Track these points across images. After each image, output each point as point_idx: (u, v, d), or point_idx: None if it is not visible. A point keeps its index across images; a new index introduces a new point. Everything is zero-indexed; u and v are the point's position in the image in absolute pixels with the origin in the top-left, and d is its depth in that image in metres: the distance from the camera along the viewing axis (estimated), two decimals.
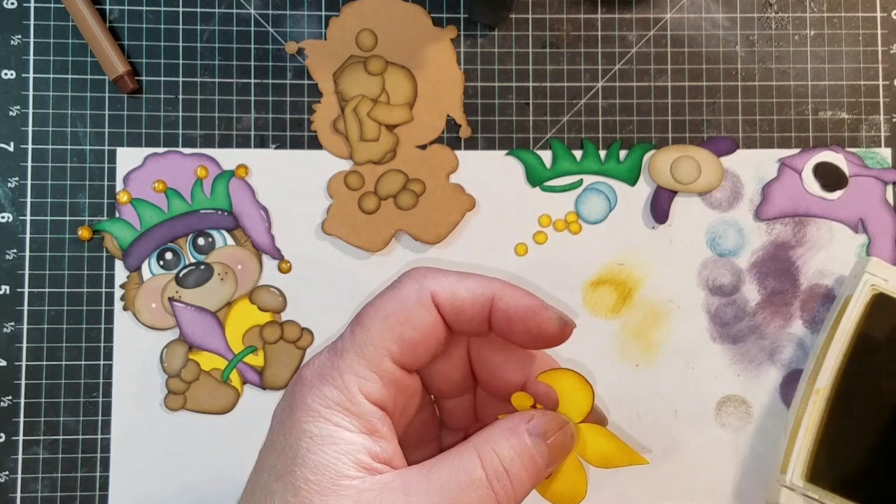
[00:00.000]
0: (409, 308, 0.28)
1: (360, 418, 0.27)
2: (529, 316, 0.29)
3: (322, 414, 0.26)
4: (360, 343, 0.28)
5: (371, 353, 0.27)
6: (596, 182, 0.46)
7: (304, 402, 0.27)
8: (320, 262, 0.45)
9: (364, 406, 0.27)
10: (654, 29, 0.46)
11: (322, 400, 0.27)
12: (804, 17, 0.47)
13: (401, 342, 0.28)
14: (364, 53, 0.45)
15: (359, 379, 0.27)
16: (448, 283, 0.29)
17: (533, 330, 0.29)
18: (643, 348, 0.45)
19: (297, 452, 0.26)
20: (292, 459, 0.26)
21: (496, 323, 0.29)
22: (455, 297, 0.28)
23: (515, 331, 0.29)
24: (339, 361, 0.27)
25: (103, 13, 0.45)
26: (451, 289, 0.28)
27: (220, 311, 0.45)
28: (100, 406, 0.44)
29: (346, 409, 0.27)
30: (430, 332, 0.28)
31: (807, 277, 0.46)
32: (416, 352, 0.28)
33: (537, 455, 0.28)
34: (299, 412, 0.27)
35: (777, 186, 0.46)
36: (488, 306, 0.29)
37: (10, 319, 0.44)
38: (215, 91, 0.45)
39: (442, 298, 0.28)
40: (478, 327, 0.29)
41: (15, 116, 0.44)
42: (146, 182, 0.45)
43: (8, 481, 0.43)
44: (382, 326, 0.28)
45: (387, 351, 0.27)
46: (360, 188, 0.45)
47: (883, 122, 0.46)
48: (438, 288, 0.28)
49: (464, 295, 0.28)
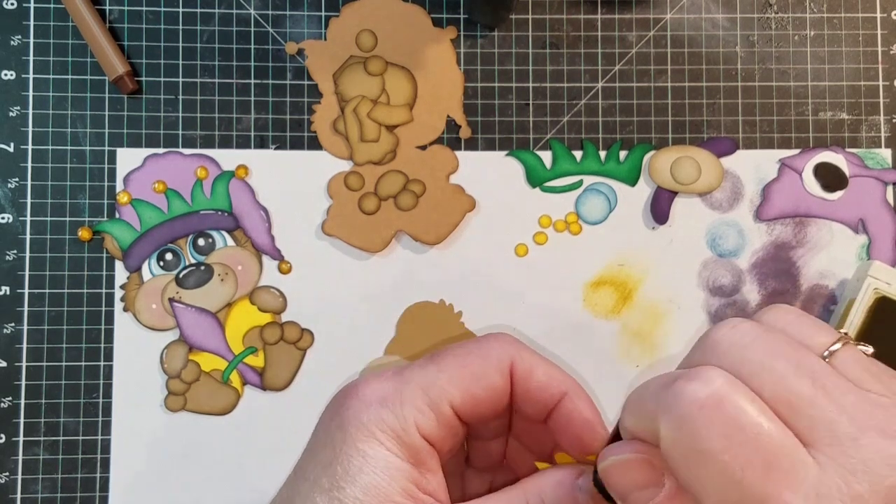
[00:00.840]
0: (486, 367, 0.28)
1: (410, 450, 0.27)
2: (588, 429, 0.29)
3: (377, 437, 0.27)
4: (430, 380, 0.28)
5: (436, 393, 0.28)
6: (596, 183, 0.46)
7: (359, 420, 0.27)
8: (320, 262, 0.45)
9: (416, 439, 0.27)
10: (654, 29, 0.46)
11: (379, 423, 0.27)
12: (804, 18, 0.47)
13: (466, 395, 0.28)
14: (364, 54, 0.45)
15: (417, 413, 0.27)
16: (529, 359, 0.29)
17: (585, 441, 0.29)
18: (643, 349, 0.45)
19: (348, 470, 0.26)
20: (342, 476, 0.26)
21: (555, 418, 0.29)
22: (531, 378, 0.29)
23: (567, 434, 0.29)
24: (403, 389, 0.28)
25: (103, 13, 0.45)
26: (531, 367, 0.29)
27: (221, 311, 0.45)
28: (100, 407, 0.44)
29: (400, 438, 0.27)
30: (497, 397, 0.29)
31: (807, 278, 0.46)
32: (476, 409, 0.29)
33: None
34: (353, 429, 0.27)
35: (777, 187, 0.46)
36: (556, 400, 0.29)
37: (11, 320, 0.44)
38: (215, 92, 0.45)
39: (519, 373, 0.29)
40: (537, 413, 0.29)
41: (15, 117, 0.44)
42: (146, 183, 0.45)
43: (8, 482, 0.43)
44: (455, 374, 0.28)
45: (450, 397, 0.28)
46: (360, 189, 0.45)
47: (883, 122, 0.46)
48: (520, 362, 0.29)
49: (541, 378, 0.29)
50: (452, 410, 0.28)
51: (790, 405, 0.21)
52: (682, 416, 0.21)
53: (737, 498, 0.20)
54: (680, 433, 0.21)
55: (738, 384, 0.21)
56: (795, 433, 0.21)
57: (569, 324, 0.45)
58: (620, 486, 0.24)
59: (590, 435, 0.29)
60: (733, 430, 0.20)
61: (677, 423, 0.21)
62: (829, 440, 0.20)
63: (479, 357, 0.29)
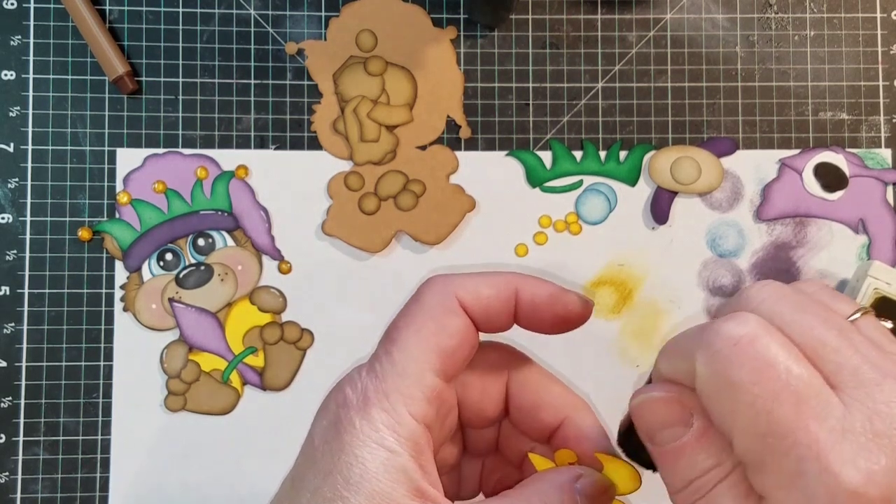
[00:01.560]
0: (439, 317, 0.28)
1: (409, 440, 0.27)
2: (554, 301, 0.29)
3: (373, 438, 0.26)
4: (401, 362, 0.27)
5: (413, 370, 0.27)
6: (596, 183, 0.46)
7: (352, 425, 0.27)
8: (320, 262, 0.45)
9: (412, 426, 0.27)
10: (653, 30, 0.46)
11: (371, 424, 0.26)
12: (804, 18, 0.47)
13: (439, 353, 0.28)
14: (364, 54, 0.45)
15: (405, 399, 0.27)
16: (470, 284, 0.29)
17: (560, 313, 0.29)
18: (644, 349, 0.45)
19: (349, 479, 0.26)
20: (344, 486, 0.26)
21: (523, 314, 0.29)
22: (480, 297, 0.28)
23: (544, 318, 0.29)
24: (382, 385, 0.27)
25: (103, 14, 0.45)
26: (475, 289, 0.29)
27: (221, 311, 0.45)
28: (100, 407, 0.44)
29: (396, 432, 0.26)
30: (465, 336, 0.28)
31: (807, 278, 0.46)
32: (454, 360, 0.28)
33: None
34: (348, 436, 0.26)
35: (777, 187, 0.46)
36: (513, 301, 0.29)
37: (11, 320, 0.44)
38: (215, 92, 0.45)
39: (468, 301, 0.28)
40: (505, 322, 0.29)
41: (15, 117, 0.44)
42: (146, 183, 0.45)
43: (8, 482, 0.43)
44: (418, 341, 0.28)
45: (428, 365, 0.27)
46: (360, 189, 0.45)
47: (883, 122, 0.46)
48: (462, 291, 0.28)
49: (488, 293, 0.29)
50: (436, 377, 0.28)
51: (818, 351, 0.22)
52: (718, 350, 0.22)
53: (765, 429, 0.21)
54: (715, 366, 0.22)
55: (771, 327, 0.23)
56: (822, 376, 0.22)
57: None
58: (649, 425, 0.25)
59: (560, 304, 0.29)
60: (765, 366, 0.22)
61: (713, 358, 0.22)
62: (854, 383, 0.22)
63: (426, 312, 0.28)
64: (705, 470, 0.24)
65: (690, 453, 0.24)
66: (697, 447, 0.24)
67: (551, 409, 0.30)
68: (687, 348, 0.24)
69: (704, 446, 0.24)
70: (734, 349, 0.22)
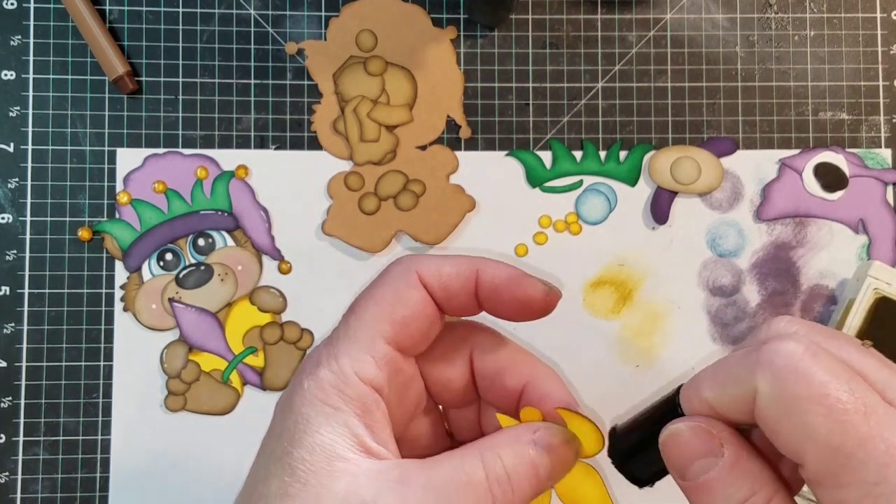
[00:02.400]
0: (397, 289, 0.29)
1: (355, 400, 0.27)
2: (514, 284, 0.29)
3: (318, 396, 0.27)
4: (353, 328, 0.28)
5: (364, 335, 0.28)
6: (596, 183, 0.46)
7: (301, 387, 0.28)
8: (320, 262, 0.45)
9: (359, 387, 0.27)
10: (653, 29, 0.46)
11: (317, 383, 0.27)
12: (804, 18, 0.47)
13: (392, 322, 0.28)
14: (364, 54, 0.45)
15: (352, 361, 0.28)
16: (433, 262, 0.29)
17: (520, 297, 0.29)
18: (643, 349, 0.45)
19: (294, 435, 0.27)
20: (289, 441, 0.27)
21: (483, 296, 0.29)
22: (441, 274, 0.29)
23: (503, 300, 0.29)
24: (333, 348, 0.28)
25: (103, 13, 0.45)
26: (436, 267, 0.29)
27: (221, 311, 0.45)
28: (100, 407, 0.44)
29: (341, 391, 0.27)
30: (420, 308, 0.29)
31: (807, 278, 0.46)
32: (409, 330, 0.29)
33: (540, 466, 0.28)
34: (296, 397, 0.27)
35: (777, 187, 0.46)
36: (473, 280, 0.29)
37: (11, 320, 0.44)
38: (215, 92, 0.45)
39: (428, 277, 0.29)
40: (466, 303, 0.30)
41: (15, 117, 0.44)
42: (146, 183, 0.45)
43: (8, 482, 0.43)
44: (374, 310, 0.28)
45: (379, 332, 0.28)
46: (360, 189, 0.45)
47: (883, 122, 0.46)
48: (423, 267, 0.29)
49: (448, 271, 0.29)
50: (387, 344, 0.28)
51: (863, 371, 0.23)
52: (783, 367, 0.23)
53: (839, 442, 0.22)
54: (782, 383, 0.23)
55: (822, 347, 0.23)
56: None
57: (569, 324, 0.45)
58: (679, 458, 0.25)
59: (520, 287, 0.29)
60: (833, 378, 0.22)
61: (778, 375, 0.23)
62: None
63: (386, 284, 0.29)
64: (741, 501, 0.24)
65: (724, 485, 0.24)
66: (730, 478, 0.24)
67: (514, 373, 0.30)
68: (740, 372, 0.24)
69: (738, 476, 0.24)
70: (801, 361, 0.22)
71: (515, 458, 0.27)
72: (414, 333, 0.29)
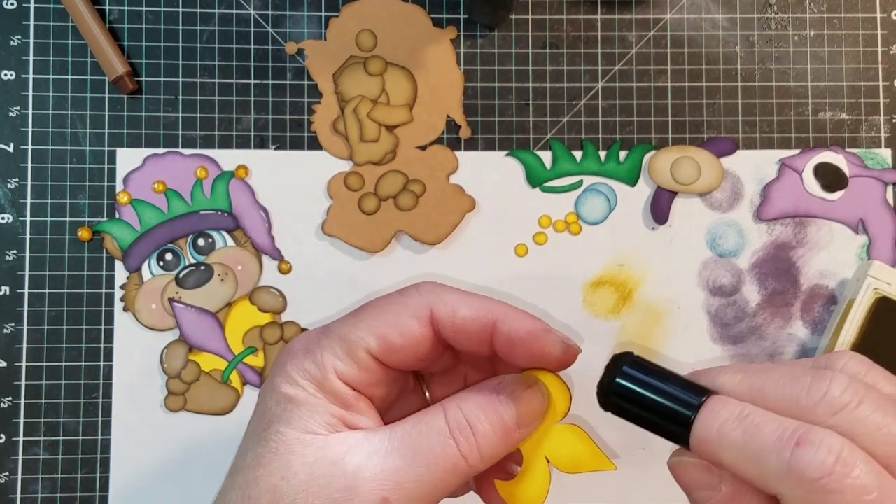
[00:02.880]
0: (402, 315, 0.29)
1: (332, 395, 0.28)
2: (532, 340, 0.29)
3: (299, 383, 0.28)
4: (347, 329, 0.29)
5: (352, 340, 0.29)
6: (596, 183, 0.46)
7: (284, 368, 0.29)
8: (320, 262, 0.45)
9: (336, 385, 0.28)
10: (653, 30, 0.46)
11: (300, 371, 0.28)
12: (804, 18, 0.47)
13: (381, 341, 0.29)
14: (364, 54, 0.45)
15: (336, 360, 0.28)
16: (451, 300, 0.29)
17: (536, 354, 0.29)
18: (643, 349, 0.45)
19: (274, 413, 0.28)
20: (269, 419, 0.28)
21: (499, 346, 0.29)
22: (456, 317, 0.29)
23: (518, 354, 0.29)
24: (323, 339, 0.29)
25: (103, 13, 0.45)
26: (454, 307, 0.29)
27: (221, 311, 0.45)
28: (100, 407, 0.44)
29: (320, 385, 0.28)
30: (416, 342, 0.29)
31: (807, 278, 0.46)
32: (395, 356, 0.29)
33: (504, 412, 0.28)
34: (279, 378, 0.29)
35: (777, 187, 0.46)
36: (490, 328, 0.29)
37: (10, 320, 0.44)
38: (215, 92, 0.45)
39: (442, 316, 0.29)
40: (478, 347, 0.30)
41: (15, 117, 0.44)
42: (146, 183, 0.45)
43: (8, 482, 0.43)
44: (372, 322, 0.29)
45: (365, 344, 0.29)
46: (360, 189, 0.45)
47: (883, 122, 0.46)
48: (441, 305, 0.29)
49: (465, 314, 0.29)
50: (370, 356, 0.29)
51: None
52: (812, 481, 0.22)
53: None
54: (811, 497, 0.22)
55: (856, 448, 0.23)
56: None
57: (569, 324, 0.45)
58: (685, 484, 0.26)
59: (537, 344, 0.29)
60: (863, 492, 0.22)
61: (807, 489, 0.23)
62: None
63: (396, 305, 0.29)
64: None
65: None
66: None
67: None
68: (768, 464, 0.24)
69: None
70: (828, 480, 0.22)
71: (476, 406, 0.28)
72: (400, 360, 0.29)
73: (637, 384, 0.27)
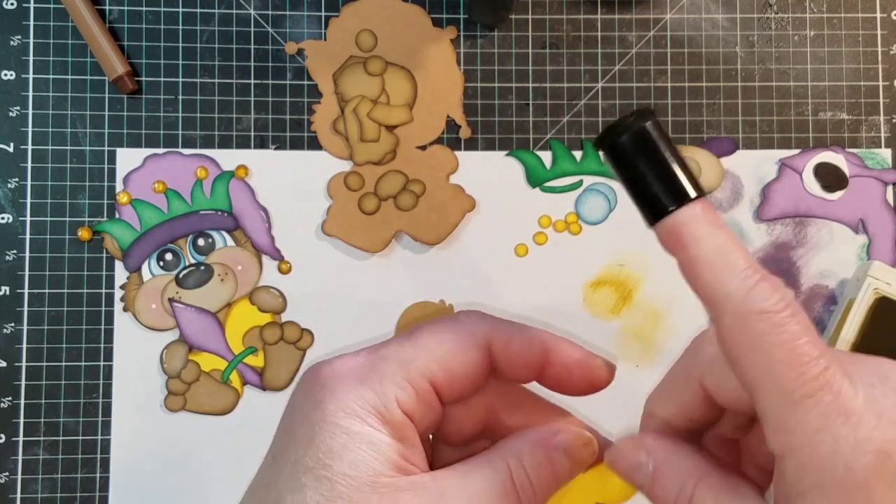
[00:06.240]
0: (464, 343, 0.28)
1: (392, 426, 0.27)
2: (585, 367, 0.30)
3: (358, 413, 0.26)
4: (408, 357, 0.28)
5: (415, 369, 0.27)
6: (596, 183, 0.46)
7: (335, 396, 0.27)
8: (320, 262, 0.45)
9: (398, 415, 0.27)
10: (653, 30, 0.46)
11: (359, 399, 0.26)
12: (804, 18, 0.47)
13: (445, 371, 0.28)
14: (364, 54, 0.45)
15: (397, 389, 0.27)
16: (504, 330, 0.29)
17: (588, 378, 0.30)
18: (643, 349, 0.45)
19: (332, 448, 0.26)
20: (326, 454, 0.26)
21: (552, 375, 0.30)
22: (510, 346, 0.29)
23: (573, 382, 0.30)
24: (381, 366, 0.27)
25: (103, 13, 0.45)
26: (507, 334, 0.29)
27: (220, 311, 0.45)
28: (100, 407, 0.44)
29: (381, 415, 0.27)
30: (476, 372, 0.29)
31: (807, 278, 0.46)
32: (454, 386, 0.28)
33: (560, 468, 0.29)
34: (332, 406, 0.26)
35: (777, 187, 0.46)
36: (543, 356, 0.30)
37: (10, 320, 0.44)
38: (215, 92, 0.45)
39: (497, 344, 0.29)
40: (527, 376, 0.30)
41: (15, 117, 0.44)
42: (146, 183, 0.45)
43: (8, 482, 0.43)
44: (434, 350, 0.28)
45: (430, 373, 0.28)
46: (360, 189, 0.45)
47: (883, 122, 0.46)
48: (496, 334, 0.29)
49: (519, 344, 0.29)
50: (431, 386, 0.28)
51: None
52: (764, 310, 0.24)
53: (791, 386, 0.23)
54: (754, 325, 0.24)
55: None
56: None
57: (569, 324, 0.45)
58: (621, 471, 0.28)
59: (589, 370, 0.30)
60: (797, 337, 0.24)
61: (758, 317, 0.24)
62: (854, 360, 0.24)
63: (456, 334, 0.29)
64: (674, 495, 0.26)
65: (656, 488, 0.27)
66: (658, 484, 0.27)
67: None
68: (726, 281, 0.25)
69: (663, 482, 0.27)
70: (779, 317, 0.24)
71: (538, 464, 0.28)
72: (459, 390, 0.29)
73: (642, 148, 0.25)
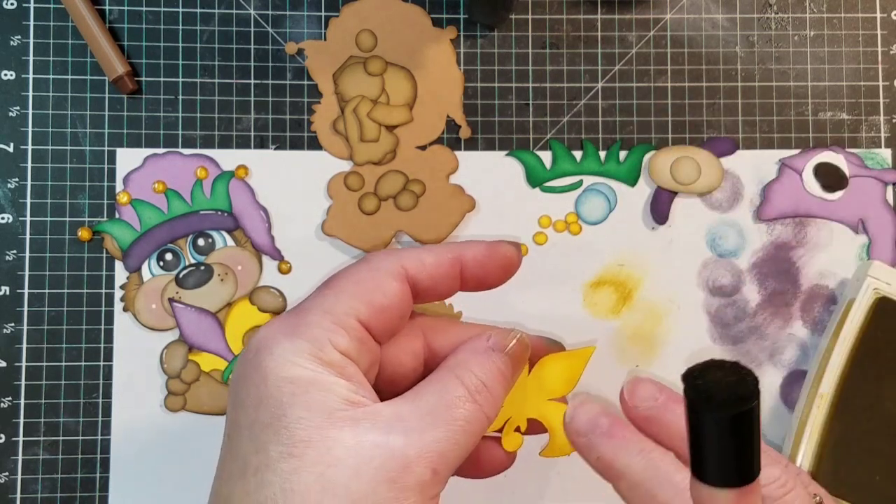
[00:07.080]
0: (380, 276, 0.30)
1: (332, 366, 0.27)
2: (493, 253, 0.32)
3: (297, 362, 0.27)
4: (330, 303, 0.29)
5: (340, 310, 0.29)
6: (596, 183, 0.46)
7: (272, 354, 0.27)
8: (320, 262, 0.45)
9: (336, 356, 0.28)
10: (653, 30, 0.46)
11: (295, 350, 0.27)
12: (804, 18, 0.47)
13: (370, 305, 0.29)
14: (364, 54, 0.45)
15: (328, 333, 0.28)
16: (413, 254, 0.31)
17: (502, 263, 0.32)
18: (643, 349, 0.45)
19: (281, 400, 0.26)
20: (277, 407, 0.26)
21: (470, 276, 0.32)
22: (425, 265, 0.31)
23: (490, 273, 0.32)
24: (307, 317, 0.28)
25: (103, 13, 0.45)
26: (419, 258, 0.31)
27: (220, 311, 0.45)
28: (100, 407, 0.44)
29: (319, 358, 0.27)
30: (399, 300, 0.30)
31: (807, 278, 0.46)
32: (382, 317, 0.30)
33: (504, 368, 0.31)
34: (271, 363, 0.27)
35: (777, 187, 0.46)
36: (457, 264, 0.31)
37: (10, 320, 0.44)
38: (215, 92, 0.45)
39: (413, 270, 0.30)
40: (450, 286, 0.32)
41: (15, 117, 0.44)
42: (146, 183, 0.45)
43: (8, 482, 0.43)
44: (354, 290, 0.29)
45: (355, 311, 0.29)
46: (360, 189, 0.45)
47: (883, 122, 0.46)
48: (408, 261, 0.31)
49: (432, 261, 0.31)
50: (359, 324, 0.29)
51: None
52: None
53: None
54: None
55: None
56: None
57: (569, 324, 0.45)
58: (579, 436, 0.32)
59: (499, 255, 0.32)
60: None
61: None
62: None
63: (369, 271, 0.30)
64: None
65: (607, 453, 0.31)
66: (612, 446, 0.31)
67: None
68: None
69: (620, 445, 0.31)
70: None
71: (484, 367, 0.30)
72: (386, 322, 0.30)
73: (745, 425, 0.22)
